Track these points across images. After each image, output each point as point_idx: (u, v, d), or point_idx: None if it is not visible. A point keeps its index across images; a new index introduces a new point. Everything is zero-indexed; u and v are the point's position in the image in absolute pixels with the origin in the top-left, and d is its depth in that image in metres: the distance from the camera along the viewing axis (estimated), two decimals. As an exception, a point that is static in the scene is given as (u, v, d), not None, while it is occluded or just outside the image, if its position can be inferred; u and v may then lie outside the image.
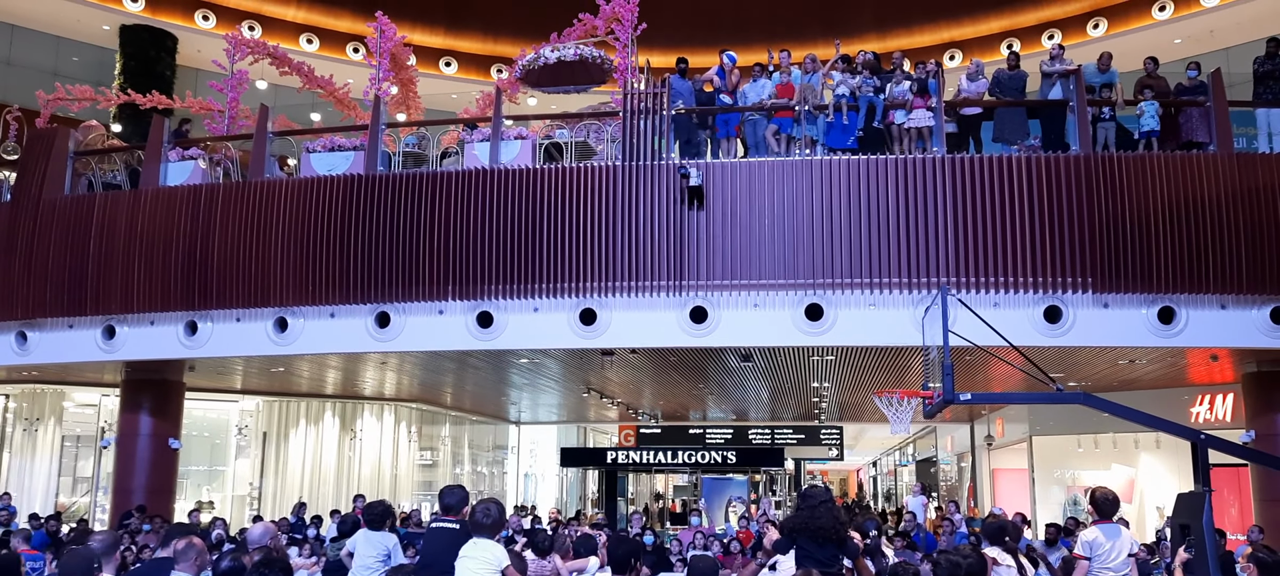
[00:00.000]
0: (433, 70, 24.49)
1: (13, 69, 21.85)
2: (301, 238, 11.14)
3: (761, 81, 11.68)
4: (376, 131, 11.59)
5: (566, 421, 24.50)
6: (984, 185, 10.25)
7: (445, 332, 10.84)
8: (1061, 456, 17.93)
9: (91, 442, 16.95)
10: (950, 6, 23.97)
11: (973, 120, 11.66)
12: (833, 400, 18.34)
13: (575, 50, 11.95)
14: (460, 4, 24.90)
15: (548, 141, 11.79)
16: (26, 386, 16.23)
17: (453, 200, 10.89)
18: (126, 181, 12.66)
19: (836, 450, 23.47)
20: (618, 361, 12.87)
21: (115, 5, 21.97)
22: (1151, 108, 10.92)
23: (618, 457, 21.49)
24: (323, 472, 18.47)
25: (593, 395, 17.90)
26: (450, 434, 22.01)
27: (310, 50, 23.57)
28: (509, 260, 10.65)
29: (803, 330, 10.27)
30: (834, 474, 45.10)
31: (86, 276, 11.72)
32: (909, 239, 10.20)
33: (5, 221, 12.33)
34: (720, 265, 10.37)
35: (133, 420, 13.50)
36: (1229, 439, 8.35)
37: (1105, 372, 12.97)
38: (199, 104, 15.05)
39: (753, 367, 13.74)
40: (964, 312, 9.17)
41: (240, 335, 11.31)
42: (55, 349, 11.99)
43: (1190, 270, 9.90)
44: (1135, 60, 12.67)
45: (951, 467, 25.17)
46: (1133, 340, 10.14)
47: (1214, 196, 10.04)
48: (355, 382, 16.72)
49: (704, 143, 11.84)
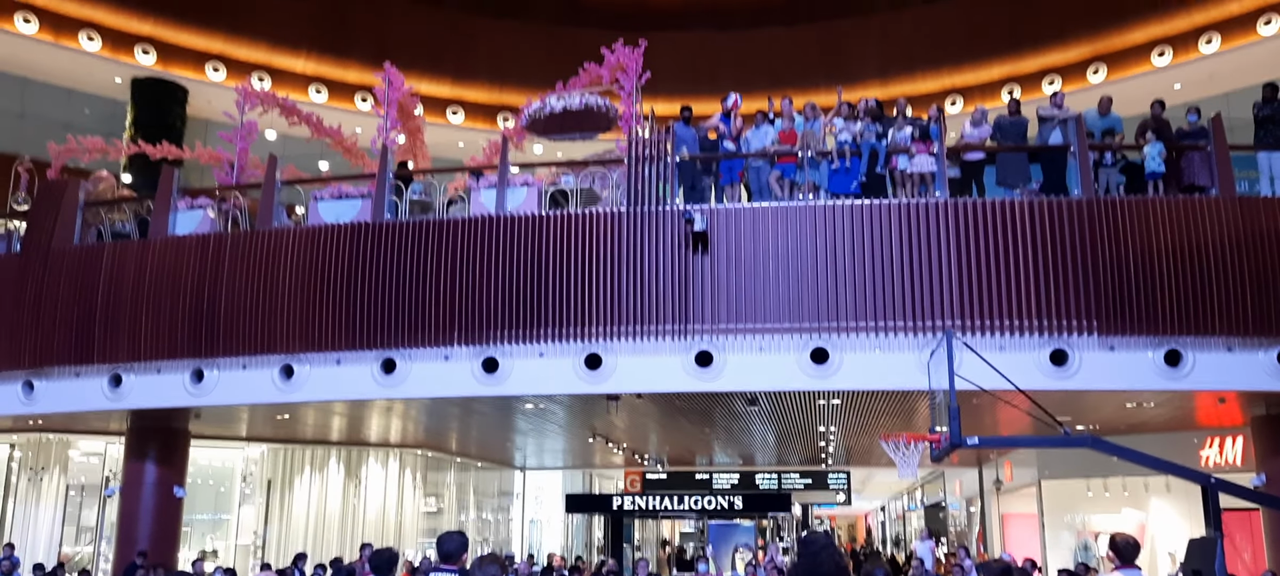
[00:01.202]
0: (440, 119, 24.77)
1: (26, 121, 22.12)
2: (308, 285, 11.20)
3: (764, 127, 11.79)
4: (384, 180, 11.69)
5: (572, 467, 24.37)
6: (988, 229, 10.29)
7: (451, 379, 10.84)
8: (1071, 500, 17.78)
9: (96, 491, 16.89)
10: (952, 53, 24.21)
11: (975, 165, 11.73)
12: (839, 444, 18.25)
13: (581, 99, 12.08)
14: (467, 54, 25.22)
15: (553, 188, 11.88)
16: (32, 435, 16.22)
17: (459, 247, 10.95)
18: (136, 231, 12.76)
19: (844, 495, 23.30)
20: (623, 406, 12.84)
21: (127, 58, 22.29)
22: (1156, 149, 10.98)
23: (624, 503, 21.35)
24: (327, 520, 18.37)
25: (598, 440, 17.83)
26: (455, 480, 21.90)
27: (319, 100, 23.85)
28: (514, 306, 10.68)
29: (808, 374, 10.26)
30: (842, 518, 44.71)
31: (94, 325, 11.77)
32: (914, 283, 10.22)
33: (15, 271, 12.42)
34: (725, 309, 10.39)
35: (138, 469, 13.47)
36: (1240, 482, 8.29)
37: (1113, 416, 12.91)
38: (209, 154, 15.21)
39: (759, 412, 13.70)
40: (970, 356, 9.17)
41: (246, 382, 11.33)
42: (62, 398, 12.01)
43: (1195, 313, 9.89)
44: (1136, 105, 12.79)
45: (960, 512, 24.93)
46: (1140, 383, 10.11)
47: (1217, 239, 10.07)
48: (360, 429, 16.70)
49: (708, 188, 11.93)
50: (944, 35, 24.10)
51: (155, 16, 22.50)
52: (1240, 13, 21.21)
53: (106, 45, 22.01)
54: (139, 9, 22.30)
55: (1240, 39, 21.22)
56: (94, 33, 21.84)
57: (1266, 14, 20.84)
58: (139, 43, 22.41)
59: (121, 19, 22.19)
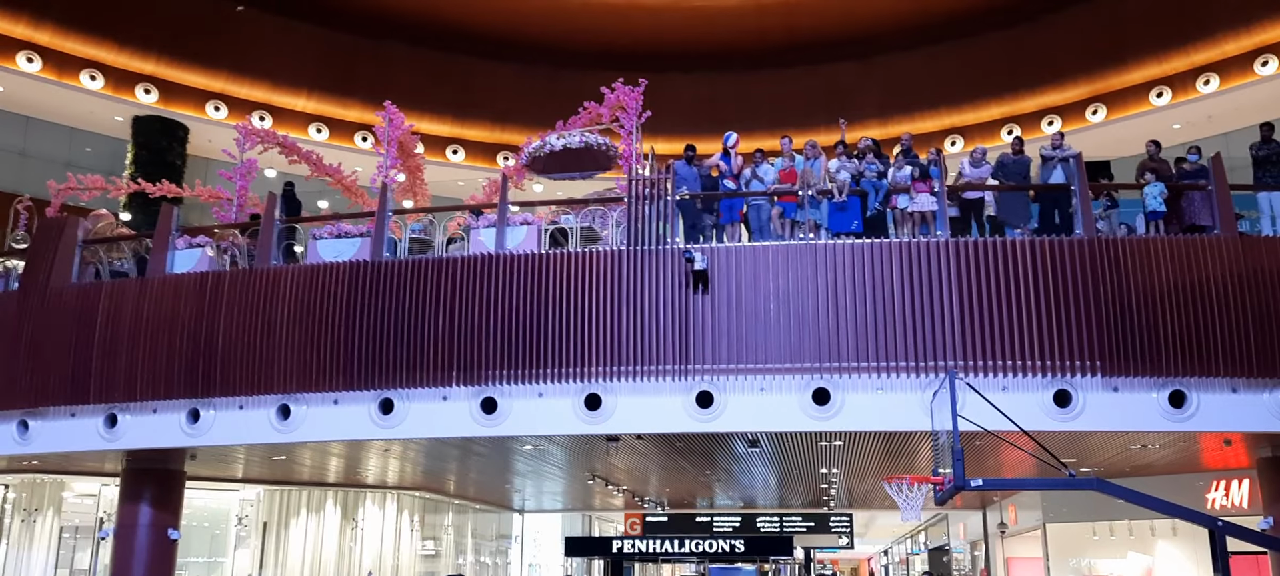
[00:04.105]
0: (440, 157, 24.87)
1: (28, 160, 22.21)
2: (306, 324, 11.13)
3: (764, 166, 11.79)
4: (383, 218, 11.66)
5: (571, 509, 24.16)
6: (989, 268, 10.24)
7: (449, 419, 10.74)
8: (1077, 544, 17.59)
9: (89, 533, 16.70)
10: (951, 94, 24.37)
11: (975, 204, 11.71)
12: (842, 486, 18.09)
13: (581, 138, 12.09)
14: (468, 93, 25.38)
15: (553, 227, 11.85)
16: (26, 476, 16.07)
17: (458, 286, 10.90)
18: (134, 269, 12.72)
19: (846, 538, 23.07)
20: (623, 447, 12.73)
21: (128, 97, 22.42)
22: (1156, 189, 10.97)
23: (623, 546, 21.11)
24: (323, 563, 18.14)
25: (598, 482, 17.67)
26: (453, 522, 21.69)
27: (319, 139, 23.96)
28: (513, 345, 10.60)
29: (810, 415, 10.16)
30: (845, 562, 44.28)
31: (90, 364, 11.68)
32: (915, 322, 10.14)
33: (12, 310, 12.36)
34: (726, 349, 10.31)
35: (132, 510, 13.30)
36: (1247, 526, 8.18)
37: (1117, 458, 12.78)
38: (208, 192, 15.21)
39: (760, 453, 13.58)
40: (973, 397, 9.08)
41: (243, 423, 11.22)
42: (57, 438, 11.89)
43: (1199, 353, 9.81)
44: (1134, 146, 12.81)
45: (964, 556, 24.68)
46: (1144, 424, 10.00)
47: (1220, 279, 10.01)
48: (358, 470, 16.55)
49: (709, 227, 11.90)
50: (943, 76, 24.26)
51: (157, 56, 22.67)
52: (1238, 53, 21.37)
53: (108, 84, 22.14)
54: (141, 48, 22.48)
55: (1238, 79, 21.37)
56: (96, 72, 21.98)
57: (1264, 54, 20.99)
58: (141, 81, 22.55)
59: (124, 58, 22.35)
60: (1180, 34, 21.91)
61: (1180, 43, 21.94)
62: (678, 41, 24.87)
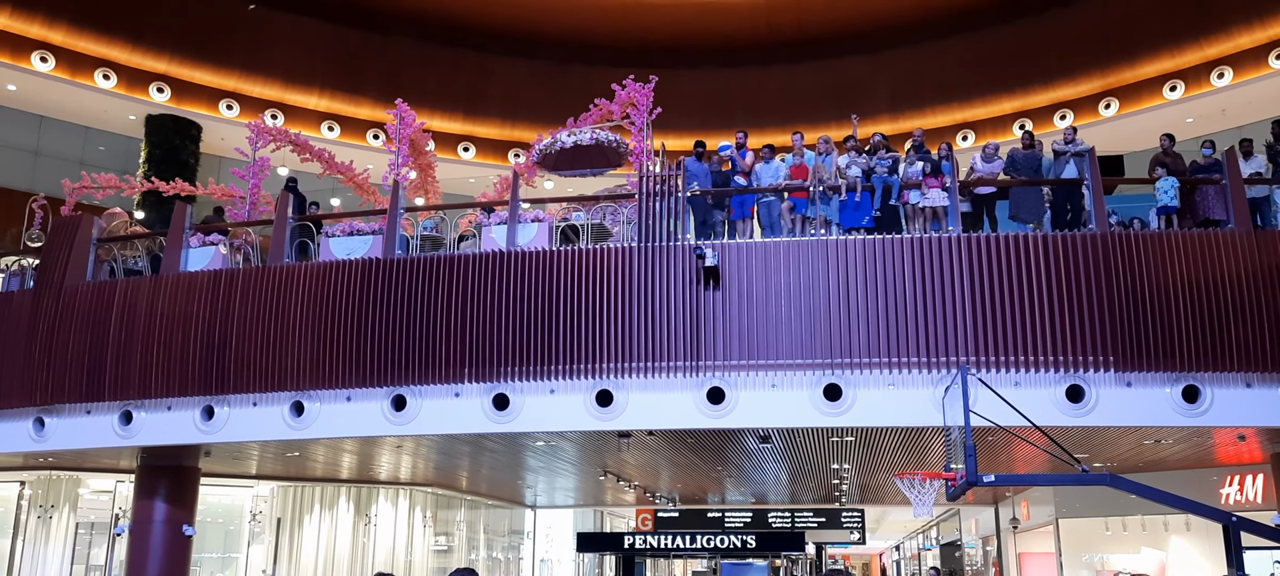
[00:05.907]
0: (451, 155, 24.90)
1: (42, 159, 22.35)
2: (319, 321, 11.19)
3: (774, 162, 11.78)
4: (395, 215, 11.71)
5: (583, 505, 24.20)
6: (1002, 263, 10.21)
7: (461, 415, 10.78)
8: (1090, 540, 17.52)
9: (105, 530, 16.83)
10: (963, 88, 24.26)
11: (987, 199, 11.68)
12: (853, 482, 18.07)
13: (592, 134, 12.09)
14: (479, 91, 25.41)
15: (564, 224, 11.87)
16: (42, 473, 16.20)
17: (469, 283, 10.93)
18: (148, 267, 12.79)
19: (858, 533, 22.98)
20: (635, 443, 12.74)
21: (142, 95, 22.54)
22: (1169, 184, 10.92)
23: (635, 542, 21.12)
24: (337, 559, 18.23)
25: (610, 478, 17.70)
26: (465, 518, 21.75)
27: (331, 137, 24.03)
28: (525, 342, 10.63)
29: (821, 410, 10.15)
30: (856, 558, 44.24)
31: (105, 362, 11.77)
32: (927, 318, 10.13)
33: (27, 308, 12.45)
34: (737, 345, 10.31)
35: (147, 507, 13.40)
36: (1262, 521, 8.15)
37: (1131, 453, 12.74)
38: (221, 190, 15.28)
39: (771, 449, 13.58)
40: (985, 392, 9.06)
41: (257, 419, 11.29)
42: (72, 435, 11.98)
43: (1213, 348, 9.77)
44: (1148, 139, 12.75)
45: (976, 551, 24.62)
46: (1157, 419, 9.97)
47: (1234, 274, 9.97)
48: (370, 467, 16.62)
49: (720, 223, 11.90)
50: (954, 71, 24.16)
51: (170, 55, 22.78)
52: (1252, 46, 21.21)
53: (122, 83, 22.26)
54: (154, 47, 22.59)
55: (1252, 72, 21.21)
56: (110, 71, 22.10)
57: (1278, 47, 20.82)
58: (154, 80, 22.66)
59: (137, 57, 22.47)
60: (1193, 27, 21.77)
61: (1193, 35, 21.79)
62: (688, 37, 24.85)
